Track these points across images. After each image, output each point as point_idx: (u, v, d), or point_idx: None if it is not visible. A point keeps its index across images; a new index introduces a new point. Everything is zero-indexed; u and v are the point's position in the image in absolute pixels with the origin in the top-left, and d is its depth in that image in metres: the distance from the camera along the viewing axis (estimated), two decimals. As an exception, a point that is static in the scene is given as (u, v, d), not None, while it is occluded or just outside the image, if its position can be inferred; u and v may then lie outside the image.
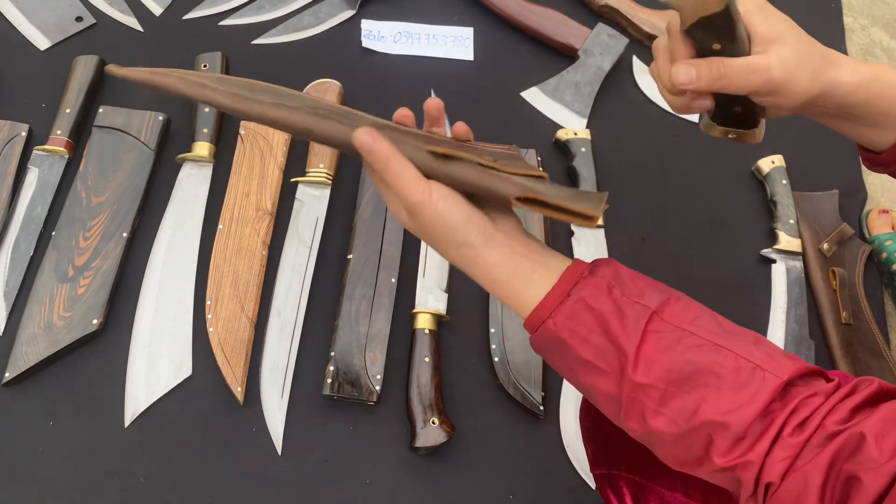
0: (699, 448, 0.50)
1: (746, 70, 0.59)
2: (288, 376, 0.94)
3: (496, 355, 0.97)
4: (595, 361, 0.53)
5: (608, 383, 0.53)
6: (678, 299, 0.54)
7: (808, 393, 0.48)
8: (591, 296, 0.53)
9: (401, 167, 0.56)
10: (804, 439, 0.46)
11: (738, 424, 0.48)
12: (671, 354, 0.51)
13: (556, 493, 0.92)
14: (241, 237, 1.00)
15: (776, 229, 1.12)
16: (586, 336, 0.53)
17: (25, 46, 1.14)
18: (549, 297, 0.55)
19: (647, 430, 0.52)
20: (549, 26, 1.25)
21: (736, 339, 0.51)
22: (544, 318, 0.54)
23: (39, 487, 0.85)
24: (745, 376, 0.49)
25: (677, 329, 0.52)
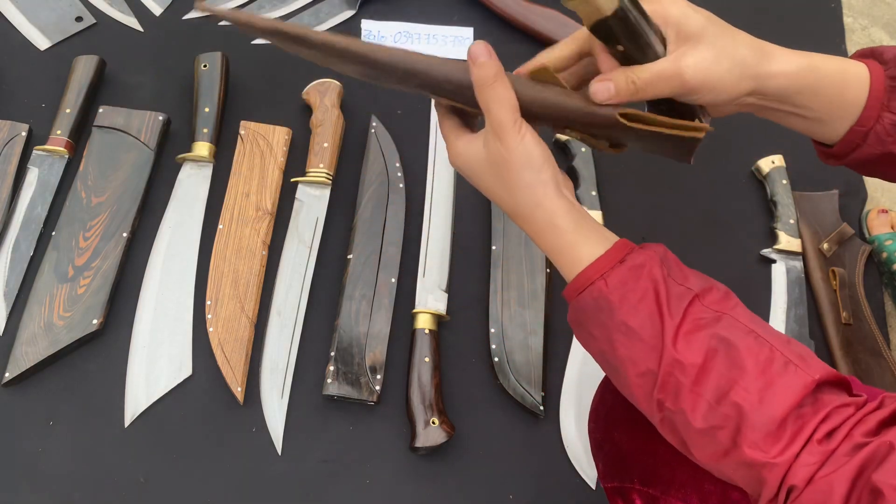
0: (726, 438, 0.49)
1: (658, 78, 0.58)
2: (288, 376, 0.94)
3: (496, 355, 0.97)
4: (639, 331, 0.52)
5: (647, 356, 0.52)
6: (718, 289, 0.54)
7: (840, 402, 0.48)
8: (646, 265, 0.54)
9: (504, 89, 0.56)
10: (832, 448, 0.46)
11: (770, 417, 0.48)
12: (709, 330, 0.51)
13: (556, 493, 0.92)
14: (241, 237, 1.00)
15: (776, 229, 1.12)
16: (636, 303, 0.53)
17: (25, 46, 1.14)
18: (602, 260, 0.55)
19: (678, 410, 0.51)
20: (549, 26, 1.25)
21: (771, 334, 0.52)
22: (594, 279, 0.54)
23: (39, 487, 0.85)
24: (778, 367, 0.49)
25: (717, 312, 0.52)
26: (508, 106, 0.56)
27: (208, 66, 1.09)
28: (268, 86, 1.16)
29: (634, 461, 0.67)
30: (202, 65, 1.10)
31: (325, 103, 1.10)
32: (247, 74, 1.16)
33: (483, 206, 1.09)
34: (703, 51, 0.58)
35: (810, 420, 0.47)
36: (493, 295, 1.01)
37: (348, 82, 1.15)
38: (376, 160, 1.08)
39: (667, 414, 0.52)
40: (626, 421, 0.67)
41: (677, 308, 0.52)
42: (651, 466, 0.66)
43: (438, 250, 1.04)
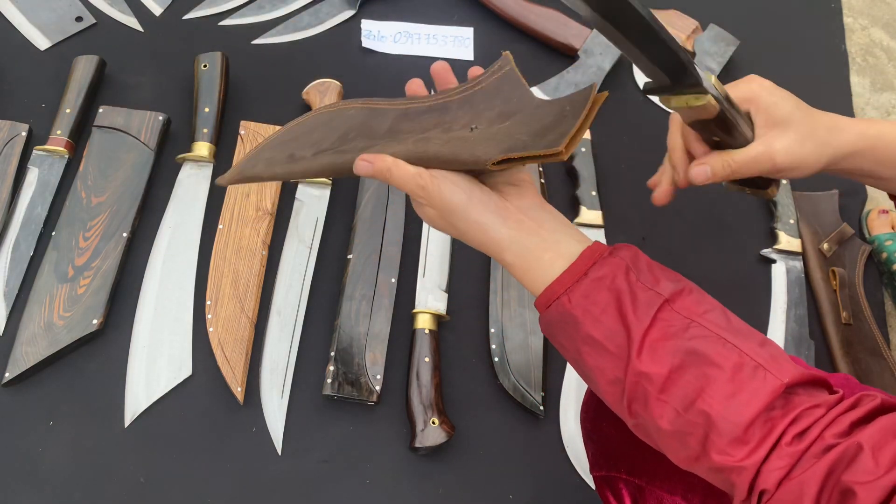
0: (695, 443, 0.50)
1: (753, 161, 0.67)
2: (288, 376, 0.94)
3: (496, 355, 0.97)
4: (604, 342, 0.53)
5: (614, 365, 0.53)
6: (691, 291, 0.54)
7: (810, 403, 0.48)
8: (608, 276, 0.53)
9: (398, 169, 0.57)
10: (802, 449, 0.46)
11: (737, 423, 0.48)
12: (676, 341, 0.51)
13: (556, 493, 0.92)
14: (241, 237, 1.00)
15: (776, 229, 1.12)
16: (598, 315, 0.53)
17: (25, 46, 1.14)
18: (567, 274, 0.55)
19: (648, 417, 0.52)
20: (549, 26, 1.25)
21: (742, 337, 0.51)
22: (559, 294, 0.54)
23: (39, 487, 0.85)
24: (747, 373, 0.49)
25: (686, 319, 0.52)
26: (410, 175, 0.57)
27: (208, 66, 1.09)
28: (268, 86, 1.16)
29: (622, 452, 0.68)
30: (202, 65, 1.10)
31: (324, 103, 1.10)
32: (247, 74, 1.16)
33: (483, 206, 1.09)
34: (791, 135, 0.66)
35: (779, 423, 0.47)
36: (493, 295, 1.01)
37: (348, 82, 1.15)
38: (376, 160, 1.08)
39: (638, 420, 0.53)
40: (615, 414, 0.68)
41: (645, 315, 0.52)
42: (638, 457, 0.67)
43: (438, 250, 1.04)
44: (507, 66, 0.64)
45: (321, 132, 0.64)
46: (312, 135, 0.64)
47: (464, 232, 0.58)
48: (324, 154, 0.62)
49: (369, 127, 0.64)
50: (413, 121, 0.63)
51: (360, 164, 0.58)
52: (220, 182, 0.66)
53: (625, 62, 1.26)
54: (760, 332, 0.53)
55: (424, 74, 1.28)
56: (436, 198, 0.57)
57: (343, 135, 0.63)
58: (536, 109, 0.60)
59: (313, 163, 0.62)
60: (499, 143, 0.57)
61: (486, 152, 0.56)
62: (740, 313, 0.55)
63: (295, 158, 0.63)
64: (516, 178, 0.60)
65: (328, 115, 0.66)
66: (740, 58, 1.28)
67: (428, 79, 0.69)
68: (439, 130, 0.61)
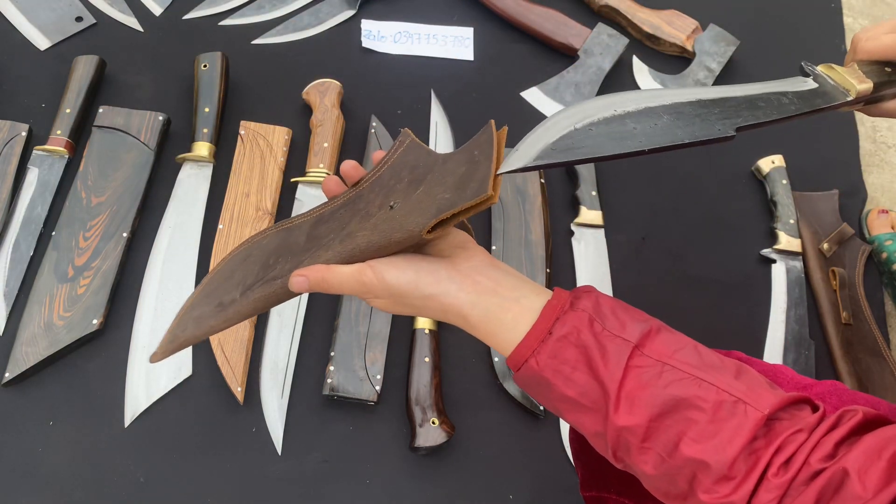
0: (683, 483, 0.49)
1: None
2: (288, 376, 0.94)
3: (496, 355, 0.97)
4: (579, 399, 0.52)
5: (593, 420, 0.52)
6: (659, 331, 0.53)
7: (792, 429, 0.47)
8: (573, 332, 0.52)
9: (333, 275, 0.55)
10: (789, 479, 0.46)
11: (722, 462, 0.47)
12: (652, 390, 0.50)
13: (556, 493, 0.92)
14: (241, 237, 1.00)
15: (776, 229, 1.12)
16: (569, 374, 0.52)
17: (25, 46, 1.14)
18: (531, 336, 0.53)
19: (632, 464, 0.51)
20: (549, 26, 1.25)
21: (717, 372, 0.50)
22: (526, 357, 0.53)
23: (39, 487, 0.85)
24: (727, 410, 0.48)
25: (658, 363, 0.51)
26: (349, 276, 0.55)
27: (208, 66, 1.09)
28: (268, 86, 1.16)
29: (611, 471, 0.67)
30: (202, 65, 1.10)
31: (325, 103, 1.10)
32: (247, 74, 1.16)
33: (483, 206, 1.09)
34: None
35: (763, 454, 0.47)
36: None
37: (348, 82, 1.15)
38: (376, 160, 1.08)
39: (624, 465, 0.53)
40: None
41: (617, 367, 0.51)
42: (627, 477, 0.65)
43: (438, 250, 1.04)
44: (406, 139, 0.62)
45: (242, 271, 0.62)
46: (234, 276, 0.62)
47: (421, 308, 0.56)
48: (252, 290, 0.60)
49: (287, 246, 0.61)
50: (329, 222, 0.61)
51: (294, 282, 0.56)
52: (153, 360, 0.61)
53: (625, 62, 1.26)
54: (734, 360, 0.53)
55: (424, 74, 1.28)
56: (381, 288, 0.54)
57: (264, 264, 0.61)
58: (445, 164, 0.59)
59: (245, 302, 0.59)
60: (424, 210, 0.55)
61: (416, 223, 0.53)
62: (740, 313, 0.55)
63: (224, 305, 0.60)
64: (458, 240, 0.58)
65: (244, 252, 0.63)
66: (740, 58, 1.28)
67: (428, 80, 0.69)
68: (358, 220, 0.59)
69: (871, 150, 1.29)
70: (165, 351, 0.60)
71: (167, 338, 0.61)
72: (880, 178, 1.26)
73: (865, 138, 1.29)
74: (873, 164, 1.28)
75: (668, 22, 1.28)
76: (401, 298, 0.55)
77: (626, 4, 1.30)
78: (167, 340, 0.61)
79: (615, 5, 1.29)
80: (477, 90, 1.21)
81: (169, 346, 0.60)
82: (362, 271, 0.55)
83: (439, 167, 0.58)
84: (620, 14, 1.29)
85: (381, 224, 0.57)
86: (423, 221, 0.53)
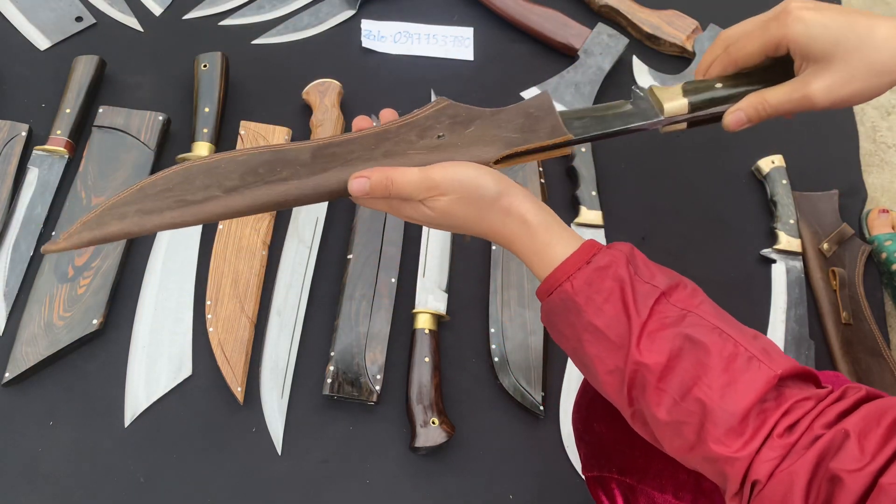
0: (691, 432, 0.50)
1: (788, 102, 0.61)
2: (288, 376, 0.94)
3: (496, 355, 0.97)
4: (605, 330, 0.53)
5: (614, 355, 0.53)
6: (686, 286, 0.55)
7: (801, 396, 0.49)
8: (611, 265, 0.54)
9: (400, 174, 0.56)
10: (793, 441, 0.47)
11: (731, 413, 0.48)
12: (674, 329, 0.52)
13: (556, 493, 0.92)
14: (241, 237, 1.00)
15: (776, 229, 1.12)
16: (601, 304, 0.53)
17: (25, 46, 1.14)
18: (569, 262, 0.55)
19: (645, 405, 0.52)
20: (549, 26, 1.25)
21: (736, 329, 0.52)
22: (561, 281, 0.55)
23: (39, 487, 0.85)
24: (741, 363, 0.50)
25: (682, 310, 0.53)
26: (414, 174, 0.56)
27: (208, 66, 1.09)
28: (268, 86, 1.16)
29: (613, 451, 0.68)
30: (202, 65, 1.10)
31: (325, 103, 1.10)
32: (247, 74, 1.16)
33: (483, 206, 1.09)
34: (833, 74, 0.59)
35: (772, 414, 0.48)
36: (493, 295, 1.01)
37: (348, 82, 1.15)
38: (376, 160, 1.08)
39: (636, 408, 0.54)
40: (606, 412, 0.68)
41: (644, 306, 0.52)
42: (629, 456, 0.67)
43: (438, 250, 1.04)
44: (444, 102, 0.64)
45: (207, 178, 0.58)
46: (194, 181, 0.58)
47: (481, 212, 0.57)
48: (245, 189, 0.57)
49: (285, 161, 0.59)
50: (341, 146, 0.60)
51: (355, 184, 0.56)
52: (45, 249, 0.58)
53: (625, 62, 1.26)
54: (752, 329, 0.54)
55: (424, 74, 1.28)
56: (451, 184, 0.56)
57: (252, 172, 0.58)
58: (495, 116, 0.61)
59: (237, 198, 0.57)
60: (489, 143, 0.57)
61: (485, 152, 0.55)
62: (740, 313, 0.56)
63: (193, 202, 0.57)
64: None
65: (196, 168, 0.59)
66: (740, 58, 1.28)
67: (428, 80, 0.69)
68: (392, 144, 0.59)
69: (871, 150, 1.29)
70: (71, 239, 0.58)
71: (77, 227, 0.58)
72: (880, 178, 1.26)
73: (865, 138, 1.29)
74: (873, 164, 1.28)
75: (668, 22, 1.28)
76: (465, 200, 0.57)
77: (626, 4, 1.30)
78: (76, 230, 0.58)
79: (615, 5, 1.29)
80: (477, 90, 1.21)
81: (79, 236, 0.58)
82: (431, 168, 0.56)
83: (488, 117, 0.61)
84: (620, 14, 1.29)
85: (436, 148, 0.58)
86: (492, 151, 0.56)
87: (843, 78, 0.58)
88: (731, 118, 0.65)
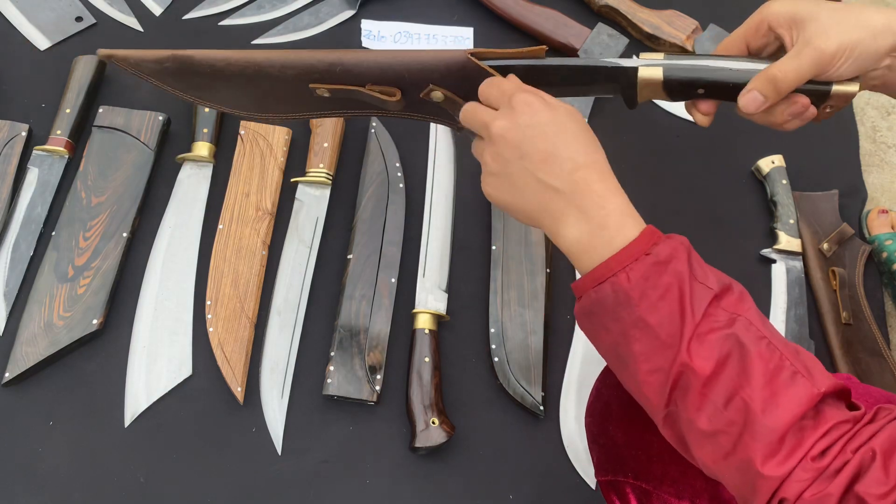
0: (728, 442, 0.49)
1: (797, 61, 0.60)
2: (288, 376, 0.94)
3: (496, 355, 0.97)
4: (657, 328, 0.51)
5: (660, 355, 0.51)
6: (734, 290, 0.53)
7: (841, 418, 0.48)
8: (671, 260, 0.52)
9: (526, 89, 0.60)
10: (825, 465, 0.46)
11: (772, 429, 0.47)
12: (724, 333, 0.50)
13: (556, 493, 0.92)
14: (241, 237, 1.00)
15: (776, 229, 1.12)
16: (656, 301, 0.51)
17: (25, 46, 1.14)
18: (627, 251, 0.52)
19: (684, 409, 0.51)
20: (549, 26, 1.25)
21: (780, 340, 0.51)
22: (616, 271, 0.52)
23: (39, 487, 0.85)
24: (786, 378, 0.49)
25: (731, 315, 0.51)
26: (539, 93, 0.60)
27: (208, 66, 1.09)
28: (268, 86, 1.16)
29: (628, 455, 0.68)
30: (202, 65, 1.09)
31: (325, 103, 1.10)
32: (247, 74, 1.15)
33: (483, 206, 1.09)
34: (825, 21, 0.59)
35: (810, 435, 0.47)
36: (493, 295, 1.01)
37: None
38: (376, 160, 1.08)
39: (672, 410, 0.52)
40: (622, 416, 0.67)
41: (699, 308, 0.50)
42: (644, 461, 0.66)
43: (438, 250, 1.04)
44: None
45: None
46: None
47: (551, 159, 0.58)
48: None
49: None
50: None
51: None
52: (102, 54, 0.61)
53: (625, 62, 1.26)
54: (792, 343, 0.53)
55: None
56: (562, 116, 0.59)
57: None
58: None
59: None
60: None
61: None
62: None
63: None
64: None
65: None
66: (740, 58, 1.28)
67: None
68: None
69: (871, 150, 1.29)
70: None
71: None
72: (880, 178, 1.26)
73: (865, 138, 1.29)
74: (873, 164, 1.28)
75: (668, 22, 1.28)
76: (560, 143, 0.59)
77: (626, 4, 1.30)
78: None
79: (615, 5, 1.29)
80: (477, 90, 1.21)
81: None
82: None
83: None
84: (620, 14, 1.29)
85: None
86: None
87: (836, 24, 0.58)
88: (745, 99, 0.63)
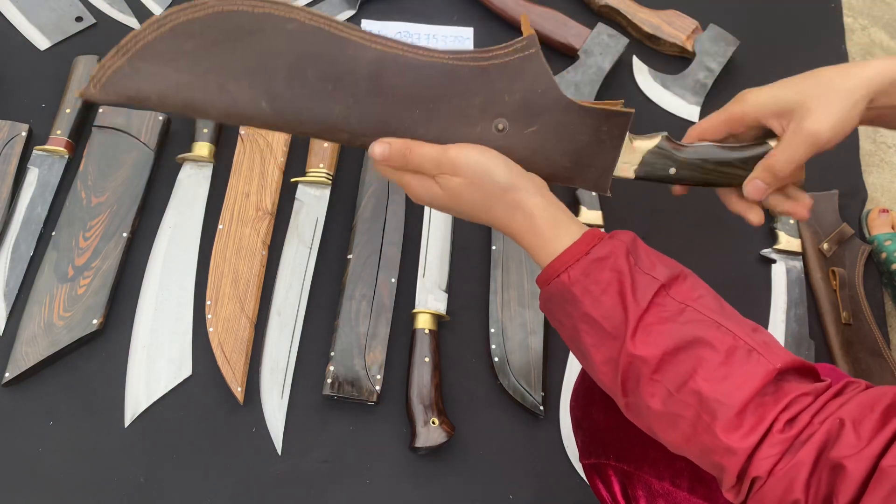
0: (686, 425, 0.50)
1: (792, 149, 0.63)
2: (288, 376, 0.94)
3: (496, 355, 0.97)
4: (601, 321, 0.53)
5: (609, 346, 0.53)
6: (686, 277, 0.55)
7: (800, 391, 0.49)
8: (610, 257, 0.54)
9: (417, 146, 0.58)
10: (793, 436, 0.47)
11: (729, 406, 0.48)
12: (671, 325, 0.52)
13: (556, 493, 0.92)
14: (241, 237, 1.00)
15: (776, 229, 1.12)
16: (598, 295, 0.54)
17: (25, 46, 1.14)
18: (568, 253, 0.56)
19: (640, 397, 0.52)
20: (549, 26, 1.25)
21: (735, 322, 0.52)
22: (559, 272, 0.55)
23: (39, 487, 0.85)
24: (741, 356, 0.50)
25: (681, 304, 0.53)
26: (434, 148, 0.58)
27: (208, 66, 1.09)
28: (268, 86, 1.16)
29: (611, 438, 0.69)
30: (202, 65, 1.09)
31: (325, 103, 1.10)
32: (247, 74, 1.15)
33: (483, 206, 1.09)
34: (810, 105, 0.61)
35: (771, 409, 0.48)
36: (493, 295, 1.01)
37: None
38: (376, 160, 1.08)
39: (630, 399, 0.54)
40: (604, 400, 0.68)
41: (643, 298, 0.53)
42: (626, 443, 0.67)
43: (438, 250, 1.04)
44: (532, 47, 0.56)
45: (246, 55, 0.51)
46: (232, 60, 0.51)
47: (488, 201, 0.58)
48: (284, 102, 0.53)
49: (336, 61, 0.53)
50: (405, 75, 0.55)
51: (377, 149, 0.58)
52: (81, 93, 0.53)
53: (625, 62, 1.26)
54: (750, 322, 0.54)
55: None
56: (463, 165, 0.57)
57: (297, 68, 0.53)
58: (566, 115, 0.59)
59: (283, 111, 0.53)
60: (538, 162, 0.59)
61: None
62: (740, 313, 0.56)
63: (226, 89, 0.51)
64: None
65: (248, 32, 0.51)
66: (740, 58, 1.28)
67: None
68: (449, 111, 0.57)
69: (871, 150, 1.29)
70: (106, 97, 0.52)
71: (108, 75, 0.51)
72: (880, 178, 1.26)
73: (865, 138, 1.29)
74: (873, 164, 1.28)
75: (668, 22, 1.28)
76: (475, 185, 0.58)
77: (626, 4, 1.30)
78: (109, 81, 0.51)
79: (615, 5, 1.29)
80: (477, 90, 1.21)
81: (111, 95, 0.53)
82: (449, 147, 0.58)
83: (559, 114, 0.59)
84: (620, 14, 1.29)
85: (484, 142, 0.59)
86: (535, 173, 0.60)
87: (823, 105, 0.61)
88: (750, 187, 0.68)
